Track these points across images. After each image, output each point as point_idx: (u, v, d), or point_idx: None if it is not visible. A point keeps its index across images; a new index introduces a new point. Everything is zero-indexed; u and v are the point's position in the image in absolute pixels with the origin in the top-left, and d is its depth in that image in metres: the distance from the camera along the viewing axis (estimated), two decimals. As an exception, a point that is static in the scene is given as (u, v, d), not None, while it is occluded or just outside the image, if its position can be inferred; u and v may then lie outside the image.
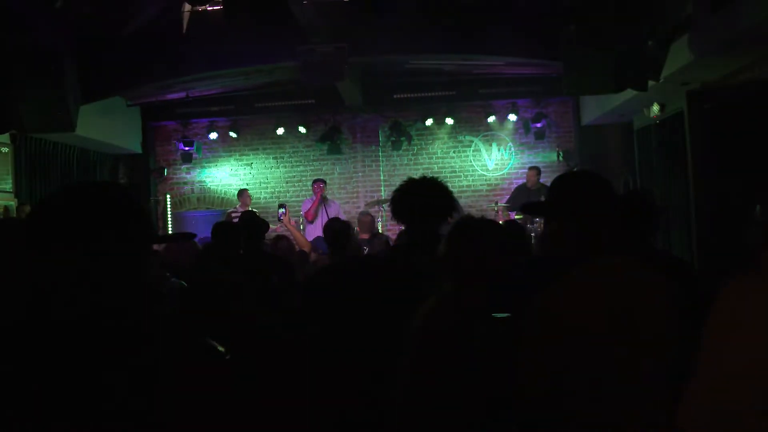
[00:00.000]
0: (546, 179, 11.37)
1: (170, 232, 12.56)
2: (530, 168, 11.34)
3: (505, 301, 2.59)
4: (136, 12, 8.33)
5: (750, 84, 7.84)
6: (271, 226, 7.33)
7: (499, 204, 11.25)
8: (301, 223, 10.78)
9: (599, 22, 7.55)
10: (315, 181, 10.73)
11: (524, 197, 10.82)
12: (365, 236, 8.64)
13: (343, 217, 10.50)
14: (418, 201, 3.35)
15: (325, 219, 9.81)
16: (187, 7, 7.00)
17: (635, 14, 7.67)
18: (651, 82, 8.15)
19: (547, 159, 12.38)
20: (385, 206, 11.80)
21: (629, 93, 8.75)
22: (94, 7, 7.55)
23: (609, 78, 7.77)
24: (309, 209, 10.29)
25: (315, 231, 9.84)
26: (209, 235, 10.32)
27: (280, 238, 7.25)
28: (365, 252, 7.25)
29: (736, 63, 7.77)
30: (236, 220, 10.69)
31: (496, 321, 2.60)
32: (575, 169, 10.76)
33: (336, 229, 5.61)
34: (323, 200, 10.34)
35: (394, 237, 8.19)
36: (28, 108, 7.81)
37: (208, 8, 7.11)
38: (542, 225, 10.10)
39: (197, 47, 8.31)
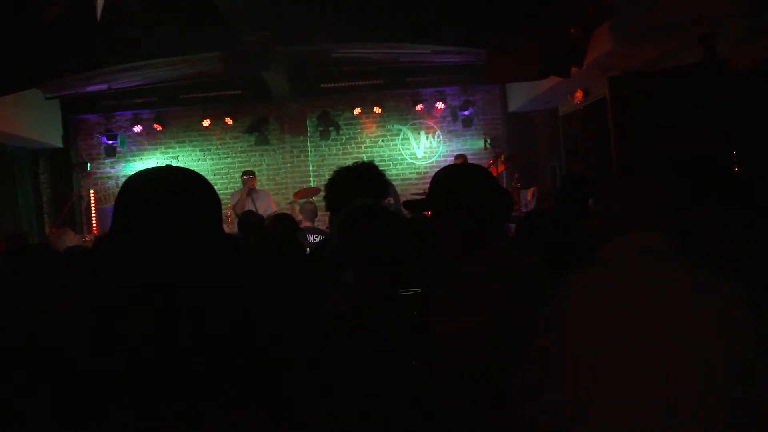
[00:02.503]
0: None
1: (95, 228, 12.24)
2: (457, 156, 11.40)
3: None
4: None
5: (669, 70, 8.03)
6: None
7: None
8: (230, 216, 10.62)
9: (522, 10, 7.62)
10: (243, 173, 10.56)
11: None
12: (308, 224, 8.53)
13: (273, 207, 10.42)
14: (355, 185, 3.28)
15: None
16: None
17: (558, 2, 7.77)
18: (574, 69, 8.29)
19: (475, 146, 12.47)
20: (315, 198, 11.74)
21: (554, 80, 8.86)
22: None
23: (533, 65, 7.87)
24: (236, 202, 10.12)
25: (243, 224, 9.70)
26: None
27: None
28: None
29: (655, 50, 7.94)
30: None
31: (404, 299, 2.59)
32: (507, 156, 10.87)
33: (250, 222, 5.56)
34: (251, 192, 10.17)
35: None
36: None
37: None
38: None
39: (118, 37, 8.07)
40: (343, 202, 3.27)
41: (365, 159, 11.93)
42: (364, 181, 3.32)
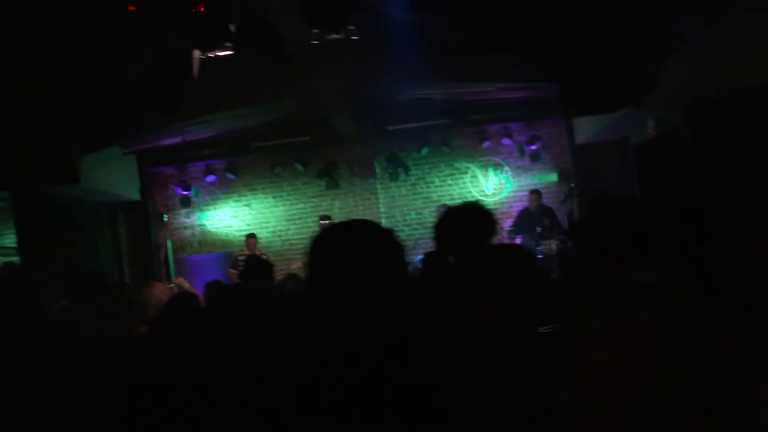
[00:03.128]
0: (545, 200, 11.48)
1: (173, 278, 12.50)
2: (531, 192, 11.41)
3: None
4: (134, 59, 8.37)
5: (745, 94, 7.92)
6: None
7: (504, 228, 11.30)
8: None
9: (592, 41, 7.66)
10: (320, 218, 10.69)
11: (528, 220, 10.92)
12: None
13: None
14: (465, 224, 3.35)
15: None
16: (197, 53, 7.06)
17: (627, 32, 7.78)
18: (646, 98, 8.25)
19: (544, 180, 12.46)
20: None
21: (624, 110, 8.81)
22: (87, 54, 7.60)
23: (606, 96, 7.88)
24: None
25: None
26: (210, 276, 10.31)
27: (289, 277, 7.19)
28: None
29: (729, 76, 7.86)
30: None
31: (541, 335, 2.64)
32: (574, 189, 10.80)
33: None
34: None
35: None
36: (31, 160, 7.79)
37: (217, 53, 7.18)
38: (551, 246, 10.22)
39: (197, 92, 8.36)
40: (453, 241, 3.35)
41: (435, 198, 12.10)
42: (473, 220, 3.37)
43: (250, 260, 6.29)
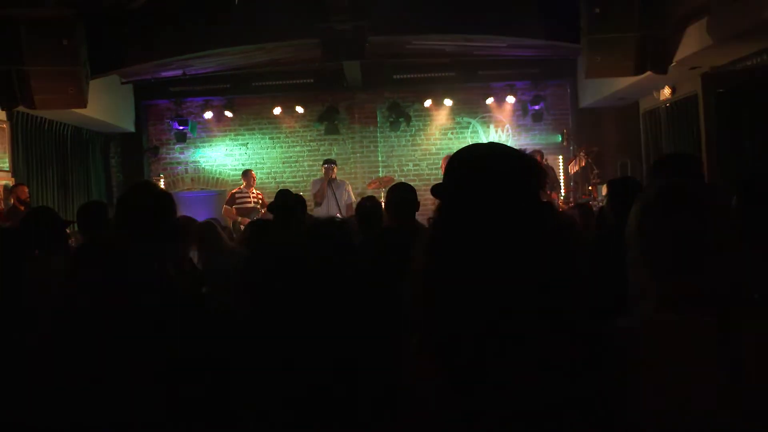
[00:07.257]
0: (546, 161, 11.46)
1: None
2: (534, 152, 11.34)
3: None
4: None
5: (761, 68, 7.93)
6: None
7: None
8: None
9: (623, 5, 7.58)
10: (324, 162, 10.48)
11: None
12: None
13: (353, 197, 10.41)
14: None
15: (332, 201, 9.71)
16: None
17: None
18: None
19: (545, 141, 12.42)
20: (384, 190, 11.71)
21: (633, 77, 8.75)
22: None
23: (630, 60, 7.82)
24: (317, 190, 10.08)
25: (322, 213, 9.69)
26: (202, 215, 10.15)
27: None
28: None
29: (746, 49, 7.85)
30: (241, 200, 10.58)
31: None
32: (588, 151, 10.76)
33: (367, 207, 5.51)
34: (331, 182, 10.13)
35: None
36: (39, 83, 7.59)
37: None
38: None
39: (212, 22, 8.14)
40: None
41: (434, 151, 12.01)
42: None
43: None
